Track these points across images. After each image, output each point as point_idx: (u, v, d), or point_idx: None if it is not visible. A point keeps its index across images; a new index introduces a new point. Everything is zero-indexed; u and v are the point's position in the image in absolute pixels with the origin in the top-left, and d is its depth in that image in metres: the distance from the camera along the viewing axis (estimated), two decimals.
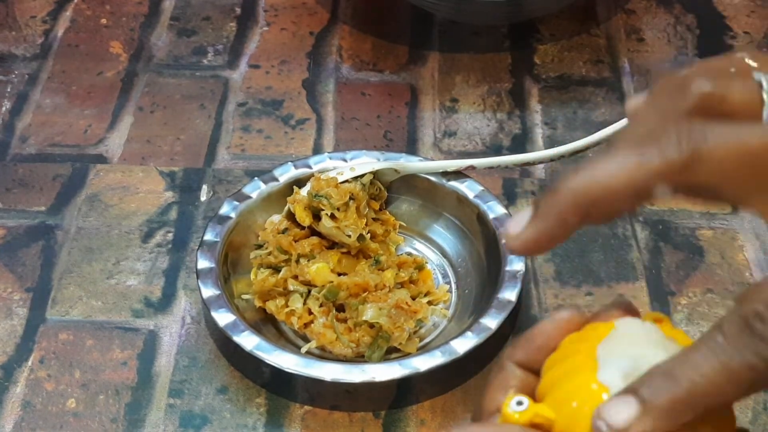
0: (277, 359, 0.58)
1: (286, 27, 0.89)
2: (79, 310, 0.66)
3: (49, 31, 0.88)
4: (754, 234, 0.70)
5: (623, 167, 0.32)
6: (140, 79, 0.83)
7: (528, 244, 0.35)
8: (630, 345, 0.34)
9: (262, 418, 0.60)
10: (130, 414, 0.60)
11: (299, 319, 0.62)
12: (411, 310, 0.61)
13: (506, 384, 0.37)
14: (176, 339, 0.64)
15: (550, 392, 0.35)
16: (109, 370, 0.62)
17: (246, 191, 0.67)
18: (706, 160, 0.32)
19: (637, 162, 0.32)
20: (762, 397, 0.60)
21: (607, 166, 0.33)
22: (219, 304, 0.60)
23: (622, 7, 0.90)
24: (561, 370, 0.35)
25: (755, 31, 0.88)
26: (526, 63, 0.85)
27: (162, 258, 0.69)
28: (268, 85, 0.83)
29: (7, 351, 0.63)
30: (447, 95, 0.82)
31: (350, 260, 0.64)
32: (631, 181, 0.32)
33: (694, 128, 0.32)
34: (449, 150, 0.77)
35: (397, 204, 0.69)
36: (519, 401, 0.34)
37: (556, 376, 0.35)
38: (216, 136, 0.78)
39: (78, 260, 0.69)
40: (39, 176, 0.75)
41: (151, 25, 0.89)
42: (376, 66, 0.84)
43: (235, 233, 0.66)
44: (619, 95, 0.82)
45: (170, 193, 0.73)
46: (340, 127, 0.79)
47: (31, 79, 0.83)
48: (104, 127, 0.79)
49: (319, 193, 0.64)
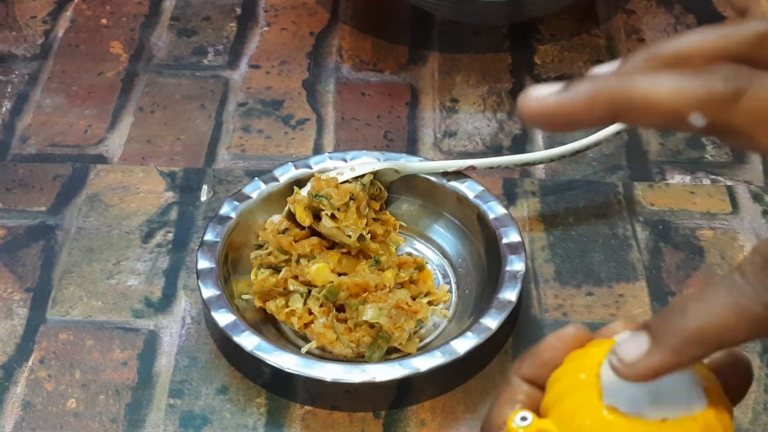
0: (277, 359, 0.58)
1: (287, 27, 0.89)
2: (80, 310, 0.66)
3: (49, 31, 0.88)
4: (754, 234, 0.70)
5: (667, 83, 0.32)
6: (140, 79, 0.83)
7: (546, 108, 0.33)
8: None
9: (263, 418, 0.60)
10: (130, 414, 0.60)
11: (299, 319, 0.62)
12: (411, 310, 0.61)
13: (513, 399, 0.38)
14: (176, 339, 0.64)
15: (553, 408, 0.36)
16: (110, 370, 0.62)
17: (246, 191, 0.67)
18: (747, 101, 0.32)
19: (680, 85, 0.32)
20: (762, 397, 0.60)
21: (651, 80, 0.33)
22: (219, 305, 0.60)
23: (622, 7, 0.90)
24: (564, 387, 0.36)
25: None
26: (526, 63, 0.85)
27: (162, 258, 0.69)
28: (269, 85, 0.83)
29: (7, 351, 0.63)
30: (447, 95, 0.82)
31: (350, 260, 0.64)
32: (671, 97, 0.32)
33: (741, 70, 0.32)
34: (449, 150, 0.77)
35: (397, 204, 0.69)
36: (523, 417, 0.35)
37: (559, 392, 0.36)
38: (216, 136, 0.78)
39: (78, 260, 0.69)
40: (39, 176, 0.75)
41: (151, 25, 0.89)
42: (376, 66, 0.84)
43: (236, 233, 0.66)
44: None
45: (170, 193, 0.73)
46: (340, 127, 0.79)
47: (32, 79, 0.83)
48: (104, 127, 0.79)
49: (320, 193, 0.64)
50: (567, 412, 0.35)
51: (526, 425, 0.35)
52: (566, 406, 0.35)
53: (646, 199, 0.73)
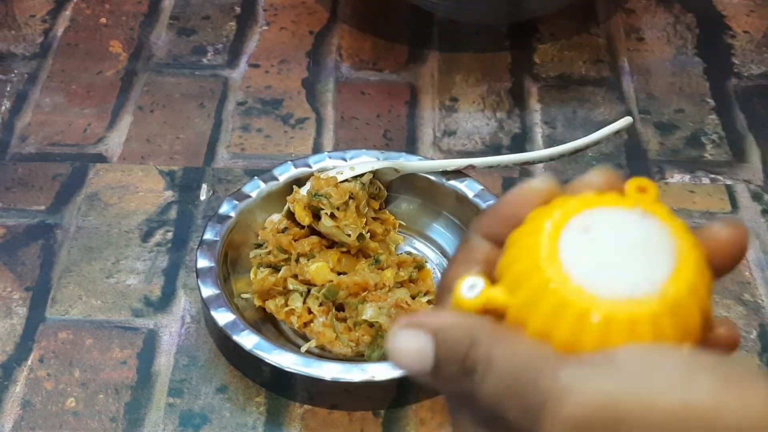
0: (276, 358, 0.58)
1: (286, 26, 0.89)
2: (79, 310, 0.66)
3: (48, 31, 0.88)
4: (754, 234, 0.70)
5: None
6: (140, 79, 0.83)
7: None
8: (595, 242, 0.31)
9: (262, 417, 0.60)
10: (129, 413, 0.60)
11: (299, 318, 0.62)
12: (411, 309, 0.61)
13: (469, 258, 0.34)
14: (176, 338, 0.64)
15: (506, 272, 0.32)
16: (109, 370, 0.62)
17: (246, 190, 0.67)
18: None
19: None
20: None
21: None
22: (219, 304, 0.60)
23: (622, 7, 0.90)
24: (519, 249, 0.31)
25: (755, 30, 0.88)
26: (526, 62, 0.84)
27: (162, 257, 0.69)
28: (268, 84, 0.83)
29: (6, 350, 0.63)
30: (447, 94, 0.81)
31: (350, 259, 0.64)
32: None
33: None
34: (449, 149, 0.77)
35: (396, 203, 0.69)
36: (472, 284, 0.31)
37: (514, 254, 0.32)
38: (215, 136, 0.78)
39: (77, 259, 0.69)
40: (39, 175, 0.75)
41: (150, 24, 0.89)
42: (375, 65, 0.84)
43: (235, 232, 0.65)
44: (618, 95, 0.82)
45: (170, 193, 0.73)
46: (339, 126, 0.79)
47: (31, 78, 0.83)
48: (104, 126, 0.79)
49: (319, 193, 0.64)
50: (517, 277, 0.31)
51: (474, 295, 0.31)
52: (517, 270, 0.31)
53: None
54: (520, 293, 0.31)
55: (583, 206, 0.32)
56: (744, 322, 0.65)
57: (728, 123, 0.79)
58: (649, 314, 0.29)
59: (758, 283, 0.67)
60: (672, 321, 0.29)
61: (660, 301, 0.29)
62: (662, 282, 0.30)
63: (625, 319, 0.29)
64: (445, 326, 0.31)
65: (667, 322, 0.29)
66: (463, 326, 0.31)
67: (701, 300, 0.30)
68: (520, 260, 0.31)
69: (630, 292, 0.29)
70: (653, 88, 0.82)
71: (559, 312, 0.30)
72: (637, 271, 0.30)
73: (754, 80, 0.83)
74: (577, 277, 0.30)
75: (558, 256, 0.30)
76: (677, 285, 0.30)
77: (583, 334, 0.29)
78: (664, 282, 0.30)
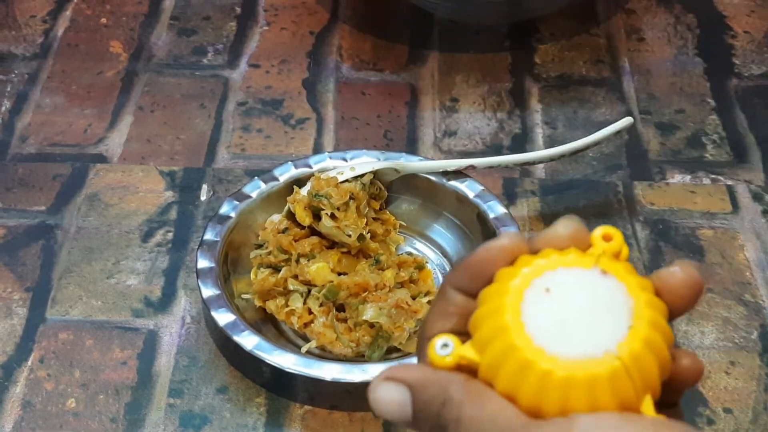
0: (277, 359, 0.58)
1: (286, 26, 0.89)
2: (79, 310, 0.65)
3: (48, 31, 0.88)
4: (754, 234, 0.70)
5: None
6: (140, 79, 0.83)
7: None
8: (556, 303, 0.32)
9: (262, 417, 0.60)
10: (130, 414, 0.60)
11: (299, 318, 0.61)
12: (411, 309, 0.60)
13: (446, 310, 0.35)
14: (176, 339, 0.64)
15: (477, 329, 0.33)
16: (109, 370, 0.62)
17: (246, 191, 0.67)
18: None
19: None
20: (762, 397, 0.60)
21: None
22: (219, 304, 0.60)
23: (622, 7, 0.90)
24: (486, 310, 0.33)
25: (755, 30, 0.88)
26: (526, 63, 0.84)
27: (162, 258, 0.69)
28: (268, 84, 0.83)
29: (6, 351, 0.63)
30: (447, 95, 0.81)
31: (350, 260, 0.64)
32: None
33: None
34: (449, 150, 0.77)
35: (397, 204, 0.69)
36: (445, 343, 0.33)
37: (483, 313, 0.33)
38: (216, 136, 0.78)
39: (78, 260, 0.69)
40: (39, 176, 0.75)
41: (151, 24, 0.89)
42: (376, 66, 0.84)
43: (235, 233, 0.65)
44: (619, 95, 0.81)
45: (170, 193, 0.73)
46: (340, 126, 0.79)
47: (31, 78, 0.83)
48: (104, 126, 0.79)
49: (319, 193, 0.64)
50: (485, 337, 0.33)
51: (446, 354, 0.33)
52: (485, 330, 0.33)
53: (646, 199, 0.73)
54: (488, 352, 0.32)
55: (546, 268, 0.33)
56: (745, 322, 0.65)
57: (729, 123, 0.79)
58: (607, 373, 0.31)
59: (759, 283, 0.67)
60: (629, 377, 0.31)
61: (617, 359, 0.31)
62: (619, 341, 0.31)
63: (584, 379, 0.31)
64: (420, 383, 0.34)
65: (625, 379, 0.31)
66: (436, 384, 0.33)
67: (658, 352, 0.32)
68: (488, 320, 0.33)
69: (589, 352, 0.31)
70: (654, 89, 0.82)
71: (523, 372, 0.31)
72: (596, 331, 0.31)
73: (755, 80, 0.83)
74: (539, 338, 0.31)
75: (521, 318, 0.32)
76: (633, 343, 0.31)
77: (545, 393, 0.31)
78: (620, 341, 0.31)
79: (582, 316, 0.32)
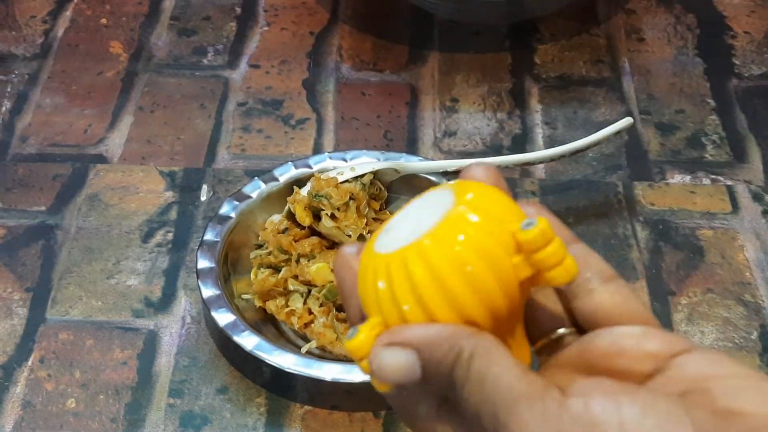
0: (277, 359, 0.58)
1: (286, 27, 0.89)
2: (79, 310, 0.66)
3: (49, 31, 0.88)
4: (754, 234, 0.70)
5: None
6: (140, 79, 0.83)
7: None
8: (392, 229, 0.35)
9: (262, 418, 0.60)
10: (130, 414, 0.60)
11: (299, 318, 0.62)
12: None
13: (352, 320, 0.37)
14: (176, 339, 0.64)
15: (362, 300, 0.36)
16: (109, 370, 0.62)
17: (246, 191, 0.67)
18: None
19: None
20: None
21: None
22: (219, 304, 0.60)
23: (622, 7, 0.90)
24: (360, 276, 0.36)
25: (755, 30, 0.88)
26: (526, 63, 0.84)
27: (162, 258, 0.69)
28: (268, 84, 0.83)
29: (7, 351, 0.63)
30: (447, 95, 0.81)
31: None
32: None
33: None
34: (449, 150, 0.77)
35: (397, 204, 0.69)
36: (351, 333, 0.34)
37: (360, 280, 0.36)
38: (216, 136, 0.78)
39: (78, 260, 0.69)
40: (39, 176, 0.75)
41: (151, 24, 0.89)
42: (376, 66, 0.84)
43: (235, 233, 0.65)
44: (619, 95, 0.81)
45: (170, 193, 0.73)
46: (340, 126, 0.79)
47: (31, 78, 0.83)
48: (104, 126, 0.79)
49: (320, 193, 0.64)
50: (364, 296, 0.35)
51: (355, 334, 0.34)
52: (362, 288, 0.35)
53: (646, 199, 0.73)
54: (371, 304, 0.34)
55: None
56: (745, 322, 0.65)
57: (729, 123, 0.79)
58: (416, 246, 0.33)
59: (759, 283, 0.67)
60: (435, 248, 0.33)
61: (425, 237, 0.33)
62: (428, 229, 0.34)
63: (398, 257, 0.33)
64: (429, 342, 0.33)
65: (432, 250, 0.33)
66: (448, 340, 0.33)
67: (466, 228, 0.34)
68: (361, 281, 0.35)
69: (405, 242, 0.34)
70: (654, 89, 0.82)
71: (364, 274, 0.35)
72: (414, 230, 0.34)
73: (755, 81, 0.83)
74: (376, 248, 0.35)
75: (374, 251, 0.35)
76: (437, 228, 0.34)
77: (394, 281, 0.33)
78: (429, 228, 0.34)
79: (406, 224, 0.35)
